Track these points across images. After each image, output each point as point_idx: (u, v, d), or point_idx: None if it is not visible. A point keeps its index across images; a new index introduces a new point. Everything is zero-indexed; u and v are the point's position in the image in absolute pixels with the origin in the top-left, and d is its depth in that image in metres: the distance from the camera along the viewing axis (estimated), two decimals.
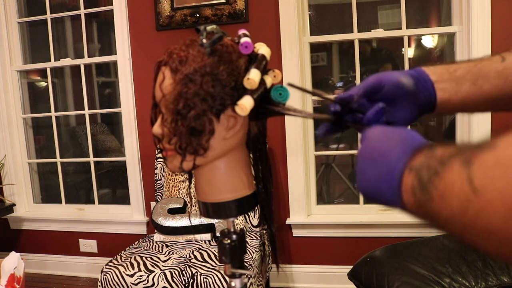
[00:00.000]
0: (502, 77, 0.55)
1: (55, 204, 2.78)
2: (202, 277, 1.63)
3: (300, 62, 2.18)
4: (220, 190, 0.60)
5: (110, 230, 2.58)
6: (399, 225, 2.16)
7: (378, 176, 0.42)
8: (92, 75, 3.45)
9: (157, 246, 1.97)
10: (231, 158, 0.59)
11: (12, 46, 2.65)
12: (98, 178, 2.73)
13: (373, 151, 0.44)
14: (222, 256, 0.62)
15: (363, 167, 0.45)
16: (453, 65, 0.58)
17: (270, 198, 0.66)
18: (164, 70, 0.56)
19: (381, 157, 0.42)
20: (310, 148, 2.30)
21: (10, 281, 1.17)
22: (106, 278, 1.70)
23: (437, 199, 0.34)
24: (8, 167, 2.69)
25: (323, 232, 2.27)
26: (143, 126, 2.45)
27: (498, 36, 1.96)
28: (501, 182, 0.27)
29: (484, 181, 0.29)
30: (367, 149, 0.45)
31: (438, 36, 2.61)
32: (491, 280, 1.38)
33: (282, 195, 2.29)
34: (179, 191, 2.17)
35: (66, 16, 2.84)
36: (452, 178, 0.32)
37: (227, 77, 0.53)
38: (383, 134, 0.45)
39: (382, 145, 0.43)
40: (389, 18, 2.70)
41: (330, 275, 2.28)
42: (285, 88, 0.56)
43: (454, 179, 0.32)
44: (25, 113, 2.75)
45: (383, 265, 1.54)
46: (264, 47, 0.58)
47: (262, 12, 2.21)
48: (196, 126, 0.53)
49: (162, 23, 2.32)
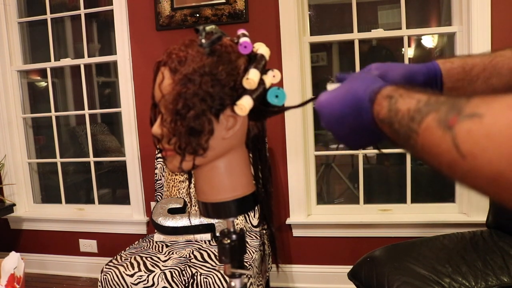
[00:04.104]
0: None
1: (55, 204, 2.78)
2: (202, 277, 1.63)
3: (300, 62, 2.18)
4: (219, 190, 0.60)
5: (110, 230, 2.58)
6: (399, 225, 2.16)
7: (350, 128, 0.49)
8: (92, 75, 3.45)
9: (157, 246, 1.97)
10: (230, 158, 0.59)
11: (12, 46, 2.65)
12: (98, 178, 2.73)
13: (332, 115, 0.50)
14: (222, 256, 0.62)
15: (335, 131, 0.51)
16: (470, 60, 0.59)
17: (270, 198, 0.66)
18: (163, 70, 0.56)
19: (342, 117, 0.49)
20: (310, 148, 2.30)
21: (10, 281, 1.17)
22: (106, 278, 1.70)
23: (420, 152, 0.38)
24: (8, 167, 2.69)
25: (323, 232, 2.27)
26: (143, 126, 2.45)
27: (498, 36, 1.96)
28: (492, 152, 0.30)
29: (473, 149, 0.31)
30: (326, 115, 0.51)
31: (438, 36, 2.61)
32: (491, 280, 1.38)
33: (282, 195, 2.29)
34: (179, 191, 2.17)
35: (66, 16, 2.84)
36: (434, 140, 0.35)
37: (226, 77, 0.53)
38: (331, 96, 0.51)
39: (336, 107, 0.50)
40: (389, 18, 2.69)
41: (330, 275, 2.28)
42: (281, 90, 0.56)
43: (437, 141, 0.35)
44: (25, 113, 2.75)
45: (383, 265, 1.54)
46: (263, 47, 0.58)
47: (262, 12, 2.21)
48: (196, 126, 0.53)
49: (162, 23, 2.32)
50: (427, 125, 0.36)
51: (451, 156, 0.33)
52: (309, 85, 2.27)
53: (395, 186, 2.58)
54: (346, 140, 0.52)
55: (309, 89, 2.27)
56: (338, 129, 0.51)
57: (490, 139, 0.30)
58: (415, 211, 2.21)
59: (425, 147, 0.37)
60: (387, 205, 2.27)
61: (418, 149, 0.38)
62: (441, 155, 0.35)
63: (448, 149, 0.34)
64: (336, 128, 0.51)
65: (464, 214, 2.13)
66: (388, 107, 0.43)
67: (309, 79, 2.27)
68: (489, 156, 0.30)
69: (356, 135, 0.49)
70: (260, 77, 0.55)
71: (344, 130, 0.50)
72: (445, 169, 0.35)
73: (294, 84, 2.16)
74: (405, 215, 2.20)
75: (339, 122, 0.50)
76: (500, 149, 0.29)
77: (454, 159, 0.33)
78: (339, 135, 0.51)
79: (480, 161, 0.31)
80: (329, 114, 0.51)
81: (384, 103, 0.44)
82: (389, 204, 2.28)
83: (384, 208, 2.26)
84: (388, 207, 2.26)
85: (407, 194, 2.23)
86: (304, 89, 2.22)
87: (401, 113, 0.40)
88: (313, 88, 2.30)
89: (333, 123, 0.51)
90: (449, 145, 0.33)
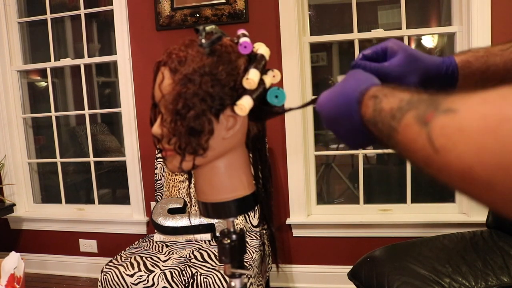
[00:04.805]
0: None
1: (55, 204, 2.78)
2: (202, 277, 1.63)
3: (300, 62, 2.18)
4: (219, 190, 0.60)
5: (110, 230, 2.58)
6: (399, 225, 2.16)
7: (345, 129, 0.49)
8: (92, 75, 3.45)
9: (157, 246, 1.97)
10: (230, 158, 0.59)
11: (12, 46, 2.65)
12: (98, 178, 2.73)
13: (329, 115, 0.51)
14: (222, 256, 0.62)
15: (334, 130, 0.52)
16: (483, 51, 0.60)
17: (270, 198, 0.66)
18: (163, 70, 0.56)
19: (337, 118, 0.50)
20: (310, 148, 2.30)
21: (10, 281, 1.17)
22: (106, 278, 1.70)
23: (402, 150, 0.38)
24: (8, 167, 2.69)
25: (323, 232, 2.27)
26: (143, 126, 2.45)
27: (498, 36, 1.96)
28: (462, 146, 0.29)
29: (446, 144, 0.31)
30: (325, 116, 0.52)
31: (438, 36, 2.61)
32: (491, 280, 1.38)
33: (282, 195, 2.29)
34: (179, 191, 2.17)
35: (66, 16, 2.84)
36: (412, 136, 0.35)
37: (226, 77, 0.53)
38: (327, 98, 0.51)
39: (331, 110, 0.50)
40: (389, 18, 2.69)
41: (330, 275, 2.28)
42: (281, 90, 0.56)
43: (415, 137, 0.35)
44: (25, 113, 2.75)
45: (383, 265, 1.54)
46: (263, 47, 0.58)
47: (262, 12, 2.21)
48: (196, 126, 0.53)
49: (162, 23, 2.32)
50: (406, 122, 0.36)
51: (426, 152, 0.33)
52: (309, 85, 2.27)
53: (395, 186, 2.58)
54: (345, 139, 0.52)
55: (309, 89, 2.27)
56: (336, 129, 0.51)
57: (461, 133, 0.29)
58: (415, 211, 2.21)
59: (404, 144, 0.37)
60: (387, 205, 2.27)
61: (400, 147, 0.38)
62: (418, 151, 0.35)
63: (423, 144, 0.33)
64: (334, 128, 0.51)
65: (464, 214, 2.13)
66: (373, 106, 0.43)
67: (309, 79, 2.27)
68: (459, 151, 0.29)
69: (352, 135, 0.49)
70: (260, 77, 0.55)
71: (341, 130, 0.50)
72: (423, 166, 0.35)
73: (294, 84, 2.16)
74: (405, 215, 2.20)
75: (335, 122, 0.50)
76: (469, 143, 0.29)
77: (429, 154, 0.33)
78: (339, 135, 0.52)
79: (451, 156, 0.30)
80: (327, 115, 0.51)
81: (369, 103, 0.44)
82: (389, 204, 2.28)
83: (384, 208, 2.26)
84: (388, 207, 2.26)
85: (407, 194, 2.23)
86: (304, 89, 2.22)
87: (384, 112, 0.40)
88: (313, 88, 2.30)
89: (331, 123, 0.51)
90: (424, 140, 0.33)
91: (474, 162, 0.28)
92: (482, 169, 0.28)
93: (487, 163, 0.27)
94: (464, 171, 0.29)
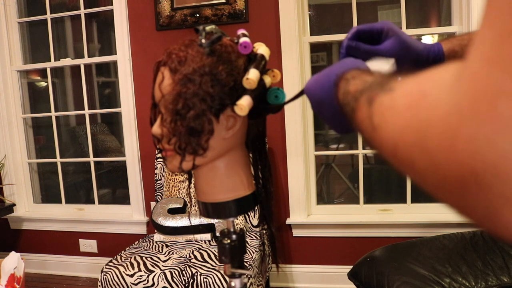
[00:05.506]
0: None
1: (55, 204, 2.78)
2: (202, 277, 1.63)
3: (300, 62, 2.18)
4: (219, 190, 0.60)
5: (110, 230, 2.58)
6: (399, 225, 2.16)
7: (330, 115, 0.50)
8: (92, 75, 3.45)
9: (157, 246, 1.97)
10: (230, 158, 0.59)
11: (12, 46, 2.65)
12: (98, 178, 2.73)
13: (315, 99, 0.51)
14: (222, 256, 0.62)
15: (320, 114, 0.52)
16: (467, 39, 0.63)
17: (270, 198, 0.66)
18: (163, 70, 0.56)
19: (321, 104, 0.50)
20: (310, 148, 2.30)
21: (10, 281, 1.17)
22: (106, 278, 1.70)
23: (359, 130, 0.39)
24: (8, 167, 2.69)
25: (323, 232, 2.27)
26: (143, 126, 2.45)
27: None
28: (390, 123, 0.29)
29: (380, 121, 0.31)
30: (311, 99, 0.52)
31: (438, 36, 2.61)
32: (491, 280, 1.38)
33: (282, 195, 2.29)
34: (179, 191, 2.17)
35: (66, 16, 2.84)
36: (362, 116, 0.36)
37: (226, 77, 0.53)
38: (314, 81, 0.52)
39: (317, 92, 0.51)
40: (389, 18, 2.69)
41: (330, 275, 2.28)
42: (281, 90, 0.56)
43: (363, 117, 0.36)
44: (25, 113, 2.75)
45: (383, 265, 1.54)
46: (263, 47, 0.58)
47: (262, 12, 2.20)
48: (195, 126, 0.53)
49: (162, 23, 2.32)
50: (361, 103, 0.37)
51: (369, 130, 0.34)
52: None
53: (395, 186, 2.58)
54: (332, 123, 0.52)
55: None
56: (322, 113, 0.51)
57: (391, 110, 0.30)
58: (415, 211, 2.21)
59: (358, 125, 0.37)
60: (387, 205, 2.27)
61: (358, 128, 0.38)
62: (364, 130, 0.35)
63: (367, 123, 0.34)
64: (320, 111, 0.51)
65: None
66: (343, 89, 0.44)
67: None
68: (389, 128, 0.29)
69: (337, 119, 0.49)
70: (260, 77, 0.55)
71: (327, 114, 0.50)
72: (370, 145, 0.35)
73: (294, 84, 2.16)
74: (405, 215, 2.20)
75: (321, 105, 0.50)
76: (396, 119, 0.29)
77: (370, 132, 0.33)
78: (325, 119, 0.52)
79: (383, 133, 0.30)
80: (313, 98, 0.52)
81: (342, 85, 0.45)
82: (389, 204, 2.28)
83: (384, 208, 2.26)
84: (388, 207, 2.26)
85: (407, 194, 2.23)
86: None
87: (349, 94, 0.41)
88: None
89: (317, 107, 0.51)
90: (368, 119, 0.34)
91: (398, 139, 0.28)
92: (404, 146, 0.27)
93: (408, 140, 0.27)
94: (393, 148, 0.29)
